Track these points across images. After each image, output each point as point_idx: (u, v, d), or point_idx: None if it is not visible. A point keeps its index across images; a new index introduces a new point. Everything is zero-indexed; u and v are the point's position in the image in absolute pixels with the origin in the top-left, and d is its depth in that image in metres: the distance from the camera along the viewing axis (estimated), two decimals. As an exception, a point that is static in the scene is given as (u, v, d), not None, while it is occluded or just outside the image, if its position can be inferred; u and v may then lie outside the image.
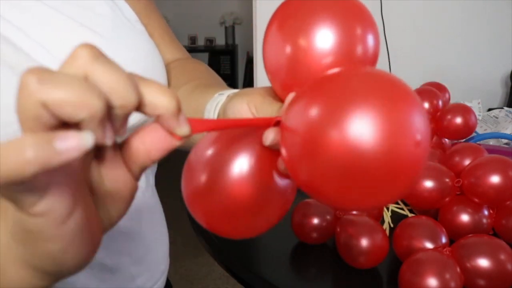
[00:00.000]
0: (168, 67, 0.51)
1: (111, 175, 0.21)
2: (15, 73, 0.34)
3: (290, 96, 0.26)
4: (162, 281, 0.53)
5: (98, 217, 0.22)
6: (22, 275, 0.22)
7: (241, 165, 0.26)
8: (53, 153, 0.15)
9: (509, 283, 0.46)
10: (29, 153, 0.14)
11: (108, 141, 0.19)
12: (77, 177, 0.19)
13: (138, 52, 0.43)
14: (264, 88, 0.31)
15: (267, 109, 0.28)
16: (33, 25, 0.37)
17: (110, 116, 0.18)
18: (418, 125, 0.20)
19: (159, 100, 0.19)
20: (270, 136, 0.26)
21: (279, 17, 0.28)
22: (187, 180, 0.28)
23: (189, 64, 0.51)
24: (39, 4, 0.38)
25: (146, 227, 0.49)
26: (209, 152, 0.27)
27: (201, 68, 0.50)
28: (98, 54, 0.18)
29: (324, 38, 0.25)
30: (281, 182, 0.28)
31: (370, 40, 0.26)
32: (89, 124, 0.17)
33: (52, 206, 0.18)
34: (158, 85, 0.20)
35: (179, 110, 0.20)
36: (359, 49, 0.26)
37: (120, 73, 0.18)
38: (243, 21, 3.81)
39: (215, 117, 0.35)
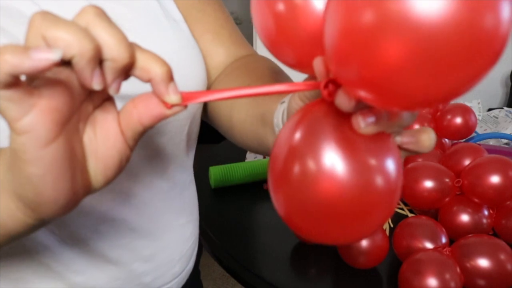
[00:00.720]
0: (229, 68, 0.48)
1: (103, 130, 0.24)
2: None
3: (318, 60, 0.23)
4: (176, 282, 0.52)
5: (85, 166, 0.24)
6: (9, 207, 0.24)
7: (331, 156, 0.21)
8: (26, 58, 0.18)
9: (509, 283, 0.46)
10: (8, 55, 0.18)
11: (96, 85, 0.21)
12: (68, 111, 0.21)
13: (163, 48, 0.40)
14: None
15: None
16: (62, 13, 0.37)
17: (102, 67, 0.21)
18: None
19: (150, 65, 0.22)
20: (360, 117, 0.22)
21: None
22: (272, 165, 0.24)
23: (250, 64, 0.47)
24: None
25: (163, 228, 0.47)
26: (296, 136, 0.23)
27: (263, 65, 0.46)
28: (102, 14, 0.21)
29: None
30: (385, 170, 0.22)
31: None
32: (79, 62, 0.20)
33: (35, 125, 0.20)
34: (153, 54, 0.22)
35: (169, 78, 0.22)
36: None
37: (117, 32, 0.21)
38: (243, 21, 3.81)
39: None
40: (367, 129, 0.22)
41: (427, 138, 0.25)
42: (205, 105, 0.50)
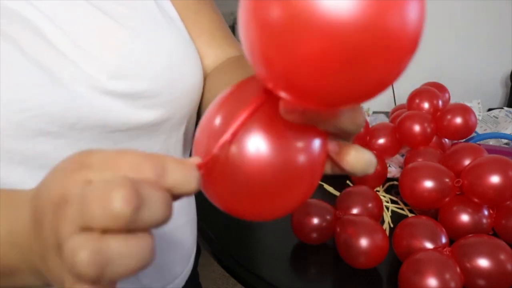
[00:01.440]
0: (221, 65, 0.48)
1: None
2: (28, 59, 0.34)
3: None
4: (176, 283, 0.52)
5: None
6: (29, 279, 0.25)
7: (254, 138, 0.23)
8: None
9: (509, 283, 0.46)
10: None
11: None
12: None
13: (160, 48, 0.41)
14: None
15: None
16: (59, 12, 0.37)
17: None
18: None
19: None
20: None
21: None
22: (197, 153, 0.25)
23: (240, 61, 0.48)
24: None
25: (161, 229, 0.47)
26: (217, 121, 0.24)
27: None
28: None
29: None
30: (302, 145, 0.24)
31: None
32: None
33: None
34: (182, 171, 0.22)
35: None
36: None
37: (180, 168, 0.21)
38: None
39: None
40: (287, 116, 0.22)
41: (354, 157, 0.23)
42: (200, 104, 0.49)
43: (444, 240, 0.52)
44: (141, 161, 0.21)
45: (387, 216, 0.67)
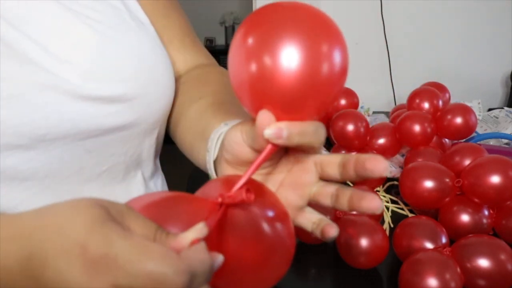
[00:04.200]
0: (186, 76, 0.49)
1: None
2: None
3: (262, 115, 0.28)
4: None
5: None
6: None
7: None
8: None
9: (509, 284, 0.46)
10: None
11: None
12: None
13: (132, 51, 0.41)
14: None
15: (252, 131, 0.29)
16: (22, 13, 0.35)
17: None
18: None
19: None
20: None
21: (245, 31, 0.28)
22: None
23: (203, 76, 0.49)
24: None
25: None
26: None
27: (219, 80, 0.48)
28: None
29: (289, 57, 0.26)
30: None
31: (336, 56, 0.27)
32: None
33: None
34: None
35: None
36: (324, 67, 0.26)
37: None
38: (243, 21, 3.81)
39: (217, 147, 0.35)
40: (276, 140, 0.28)
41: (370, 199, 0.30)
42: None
43: (444, 240, 0.52)
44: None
45: (387, 216, 0.67)
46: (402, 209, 0.69)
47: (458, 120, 0.72)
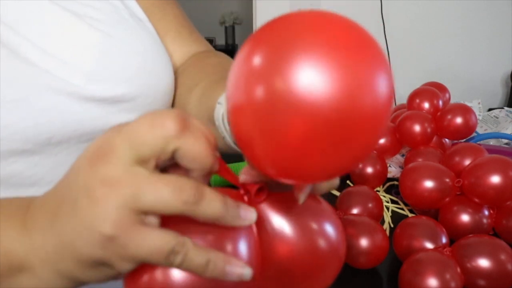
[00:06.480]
0: (183, 66, 0.48)
1: None
2: None
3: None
4: None
5: None
6: (54, 282, 0.25)
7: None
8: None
9: (509, 284, 0.46)
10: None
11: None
12: None
13: (134, 49, 0.41)
14: None
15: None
16: (22, 17, 0.35)
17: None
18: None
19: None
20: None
21: (252, 47, 0.20)
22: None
23: (202, 60, 0.48)
24: None
25: None
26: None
27: (214, 61, 0.47)
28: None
29: (309, 81, 0.17)
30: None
31: (381, 86, 0.18)
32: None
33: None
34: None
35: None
36: (366, 99, 0.17)
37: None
38: (243, 21, 3.81)
39: (226, 125, 0.33)
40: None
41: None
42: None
43: (444, 240, 0.52)
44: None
45: (387, 216, 0.67)
46: (402, 209, 0.69)
47: (458, 120, 0.72)
